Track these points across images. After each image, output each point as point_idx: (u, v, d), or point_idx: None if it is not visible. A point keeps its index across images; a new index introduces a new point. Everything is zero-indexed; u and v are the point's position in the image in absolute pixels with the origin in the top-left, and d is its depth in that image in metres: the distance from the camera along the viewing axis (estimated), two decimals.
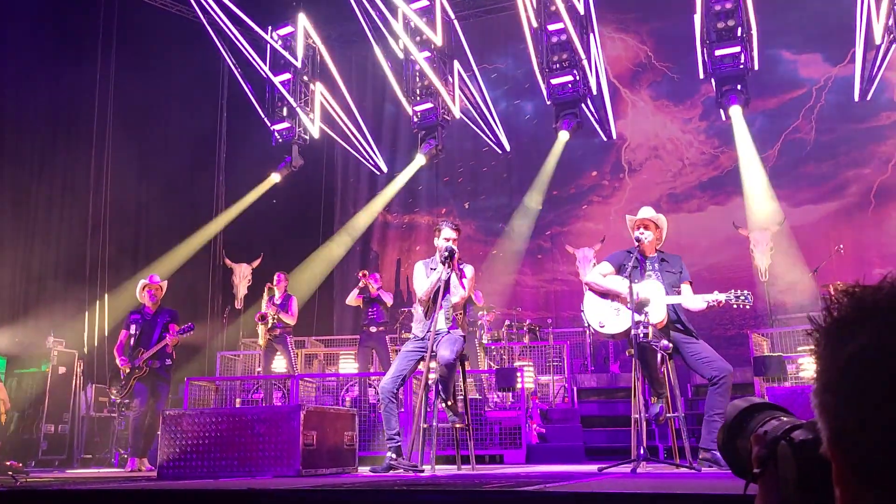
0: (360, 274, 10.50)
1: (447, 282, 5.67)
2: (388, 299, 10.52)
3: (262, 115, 13.07)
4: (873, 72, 10.62)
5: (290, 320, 9.79)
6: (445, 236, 5.78)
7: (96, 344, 11.10)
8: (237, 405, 9.44)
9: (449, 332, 5.69)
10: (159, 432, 5.58)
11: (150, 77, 11.90)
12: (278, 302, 9.79)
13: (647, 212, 5.66)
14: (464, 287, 5.73)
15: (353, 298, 10.52)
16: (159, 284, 8.27)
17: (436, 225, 6.02)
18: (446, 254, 5.62)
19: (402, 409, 6.27)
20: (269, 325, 9.66)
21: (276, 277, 10.02)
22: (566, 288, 13.69)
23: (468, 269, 5.88)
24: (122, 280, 11.07)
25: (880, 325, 0.72)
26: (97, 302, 11.33)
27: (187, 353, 10.62)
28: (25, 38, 10.91)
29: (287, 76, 13.02)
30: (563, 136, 11.79)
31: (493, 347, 10.73)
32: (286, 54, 12.96)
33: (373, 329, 10.26)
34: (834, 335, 0.76)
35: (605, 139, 13.02)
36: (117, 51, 11.79)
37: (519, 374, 8.38)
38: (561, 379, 10.35)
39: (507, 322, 11.17)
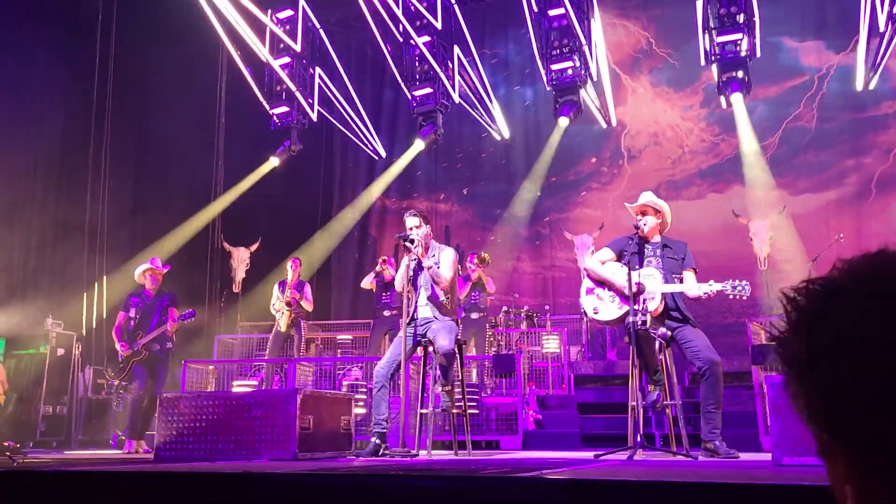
0: (382, 259, 10.48)
1: (416, 269, 5.70)
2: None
3: (261, 99, 13.01)
4: (876, 60, 10.56)
5: (309, 306, 9.85)
6: (407, 225, 5.81)
7: (95, 326, 11.09)
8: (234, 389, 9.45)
9: (437, 319, 5.68)
10: (156, 415, 5.59)
11: (148, 60, 11.82)
12: (290, 287, 9.79)
13: (646, 197, 5.61)
14: (437, 275, 5.70)
15: (368, 282, 10.54)
16: (161, 270, 8.25)
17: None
18: (405, 242, 5.63)
19: (397, 394, 6.28)
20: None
21: (291, 262, 10.00)
22: (564, 275, 13.67)
23: (446, 255, 5.83)
24: (121, 262, 11.05)
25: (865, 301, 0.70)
26: (96, 284, 11.32)
27: (185, 336, 10.62)
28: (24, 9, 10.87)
29: (286, 60, 12.94)
30: (563, 122, 11.73)
31: (490, 333, 10.75)
32: (286, 38, 12.88)
33: (386, 313, 10.27)
34: (809, 321, 0.74)
35: (604, 126, 12.98)
36: (116, 32, 11.70)
37: (517, 360, 8.39)
38: (558, 366, 10.37)
39: (504, 308, 11.18)
